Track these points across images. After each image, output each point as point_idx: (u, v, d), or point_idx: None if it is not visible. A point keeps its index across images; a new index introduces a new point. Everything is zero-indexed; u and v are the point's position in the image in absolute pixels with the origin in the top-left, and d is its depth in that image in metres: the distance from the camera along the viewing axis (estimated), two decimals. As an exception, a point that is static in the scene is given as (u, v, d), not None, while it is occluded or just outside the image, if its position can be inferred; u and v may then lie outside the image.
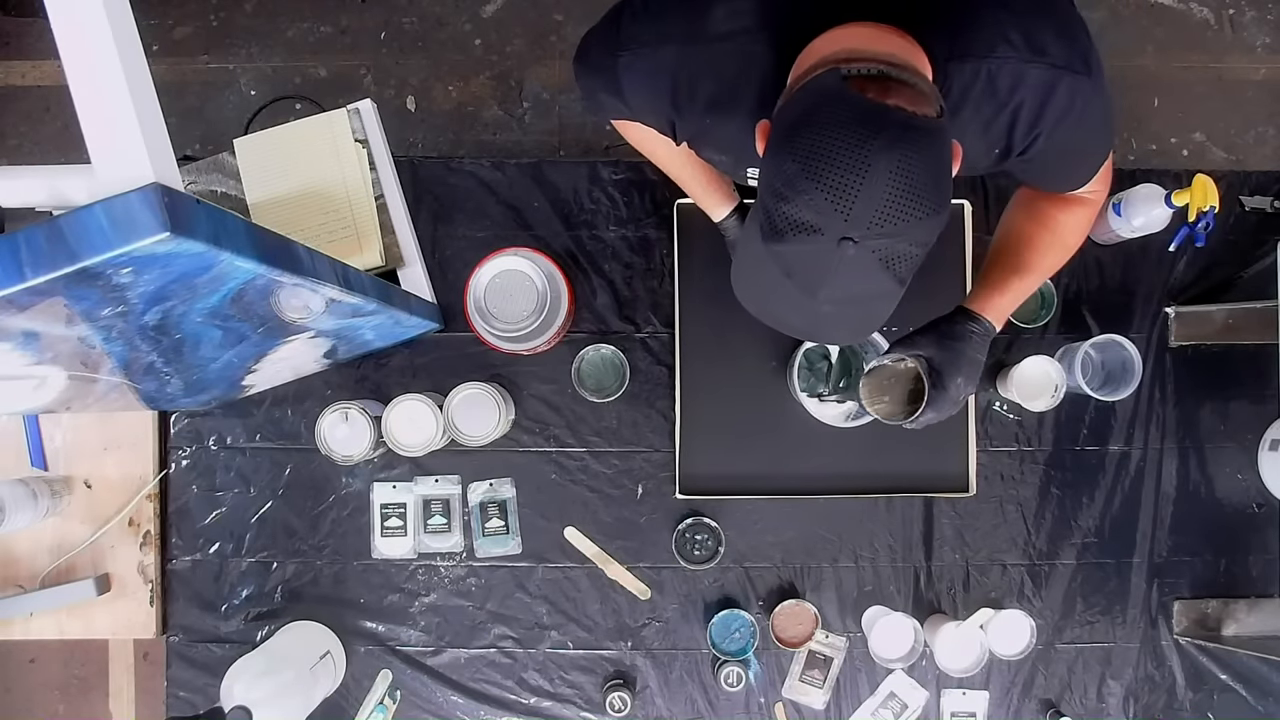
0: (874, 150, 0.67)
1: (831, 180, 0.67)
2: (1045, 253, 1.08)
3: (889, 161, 0.67)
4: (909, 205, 0.67)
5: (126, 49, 0.66)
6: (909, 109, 0.70)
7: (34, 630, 1.41)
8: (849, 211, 0.67)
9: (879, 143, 0.67)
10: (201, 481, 1.40)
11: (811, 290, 0.72)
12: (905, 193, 0.67)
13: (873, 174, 0.66)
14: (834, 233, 0.67)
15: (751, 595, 1.40)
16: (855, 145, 0.67)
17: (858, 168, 0.66)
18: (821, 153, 0.67)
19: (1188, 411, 1.41)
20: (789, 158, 0.69)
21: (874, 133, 0.68)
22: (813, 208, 0.67)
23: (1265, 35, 2.35)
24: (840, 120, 0.69)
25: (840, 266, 0.69)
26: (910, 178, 0.67)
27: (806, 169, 0.67)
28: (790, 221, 0.68)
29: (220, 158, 1.36)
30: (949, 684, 1.39)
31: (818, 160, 0.67)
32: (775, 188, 0.70)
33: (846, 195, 0.66)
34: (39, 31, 2.33)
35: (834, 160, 0.67)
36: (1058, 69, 0.83)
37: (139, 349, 0.94)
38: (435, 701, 1.39)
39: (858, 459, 1.38)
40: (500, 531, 1.39)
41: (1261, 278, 1.28)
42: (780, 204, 0.69)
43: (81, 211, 0.64)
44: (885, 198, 0.67)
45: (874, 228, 0.67)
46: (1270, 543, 1.41)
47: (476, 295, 1.27)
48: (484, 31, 2.33)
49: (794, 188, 0.68)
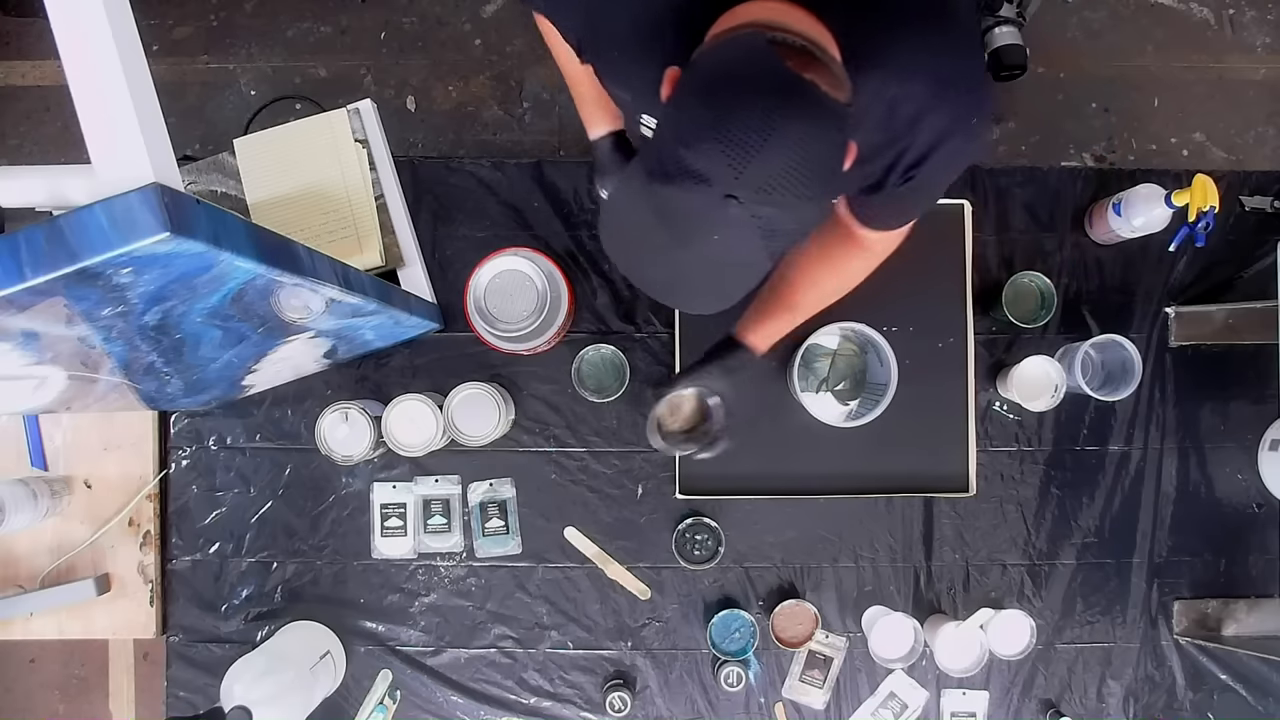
0: (782, 117, 0.67)
1: (734, 135, 0.66)
2: (825, 296, 1.13)
3: (793, 132, 0.67)
4: (801, 180, 0.68)
5: (126, 49, 0.66)
6: (823, 87, 0.70)
7: (34, 630, 1.41)
8: (742, 170, 0.66)
9: (789, 110, 0.67)
10: (201, 481, 1.40)
11: (683, 241, 0.71)
12: (801, 167, 0.67)
13: (775, 139, 0.66)
14: (721, 187, 0.67)
15: (751, 595, 1.40)
16: (765, 108, 0.67)
17: (762, 130, 0.66)
18: (733, 107, 0.67)
19: (1188, 411, 1.41)
20: (700, 106, 0.69)
21: (786, 100, 0.68)
22: (709, 157, 0.67)
23: (1265, 35, 2.35)
24: (758, 80, 0.69)
25: (719, 224, 0.69)
26: (808, 153, 0.68)
27: (715, 119, 0.67)
28: (683, 167, 0.68)
29: (220, 158, 1.36)
30: (949, 684, 1.39)
31: (727, 113, 0.67)
32: (678, 132, 0.69)
33: (745, 153, 0.66)
34: (39, 31, 2.33)
35: (741, 117, 0.67)
36: (955, 122, 0.84)
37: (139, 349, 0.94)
38: (435, 701, 1.39)
39: (858, 459, 1.38)
40: (500, 531, 1.39)
41: (1261, 278, 1.28)
42: (678, 148, 0.68)
43: (81, 211, 0.64)
44: (781, 166, 0.67)
45: (761, 193, 0.67)
46: (1270, 543, 1.42)
47: (476, 295, 1.27)
48: (484, 31, 2.33)
49: (697, 135, 0.68)
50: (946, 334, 1.39)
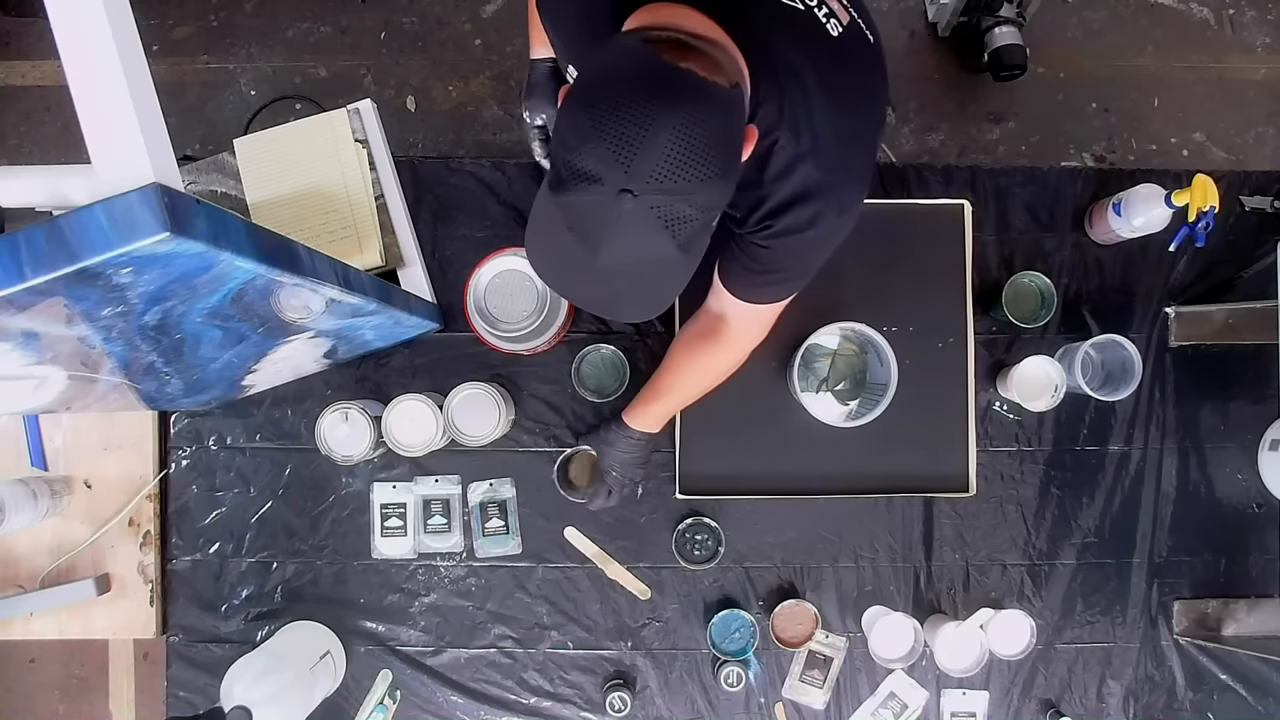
0: (659, 106, 0.68)
1: (615, 131, 0.68)
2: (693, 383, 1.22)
3: (673, 118, 0.68)
4: (690, 165, 0.69)
5: (126, 49, 0.66)
6: (700, 73, 0.71)
7: (34, 630, 1.41)
8: (629, 163, 0.68)
9: (666, 99, 0.69)
10: (201, 481, 1.40)
11: (593, 247, 0.73)
12: (687, 151, 0.69)
13: (656, 129, 0.68)
14: (614, 183, 0.69)
15: (751, 595, 1.40)
16: (642, 100, 0.69)
17: (641, 121, 0.68)
18: (609, 104, 0.69)
19: (1188, 411, 1.41)
20: (580, 109, 0.71)
21: (660, 89, 0.70)
22: (596, 157, 0.69)
23: (1265, 35, 2.36)
24: (631, 75, 0.71)
25: (620, 220, 0.70)
26: (693, 138, 0.69)
27: (594, 120, 0.69)
28: (574, 170, 0.70)
29: (220, 158, 1.36)
30: (949, 684, 1.39)
31: (605, 112, 0.69)
32: (565, 138, 0.71)
33: (629, 147, 0.68)
34: (39, 31, 2.33)
35: (620, 112, 0.68)
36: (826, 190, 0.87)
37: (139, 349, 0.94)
38: (435, 701, 1.39)
39: (858, 459, 1.38)
40: (500, 531, 1.39)
41: (1261, 278, 1.28)
42: (568, 154, 0.70)
43: (81, 211, 0.64)
44: (666, 154, 0.68)
45: (653, 182, 0.69)
46: (1270, 543, 1.42)
47: (476, 295, 1.27)
48: (484, 31, 2.33)
49: (581, 137, 0.69)
50: (946, 334, 1.39)
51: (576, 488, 1.36)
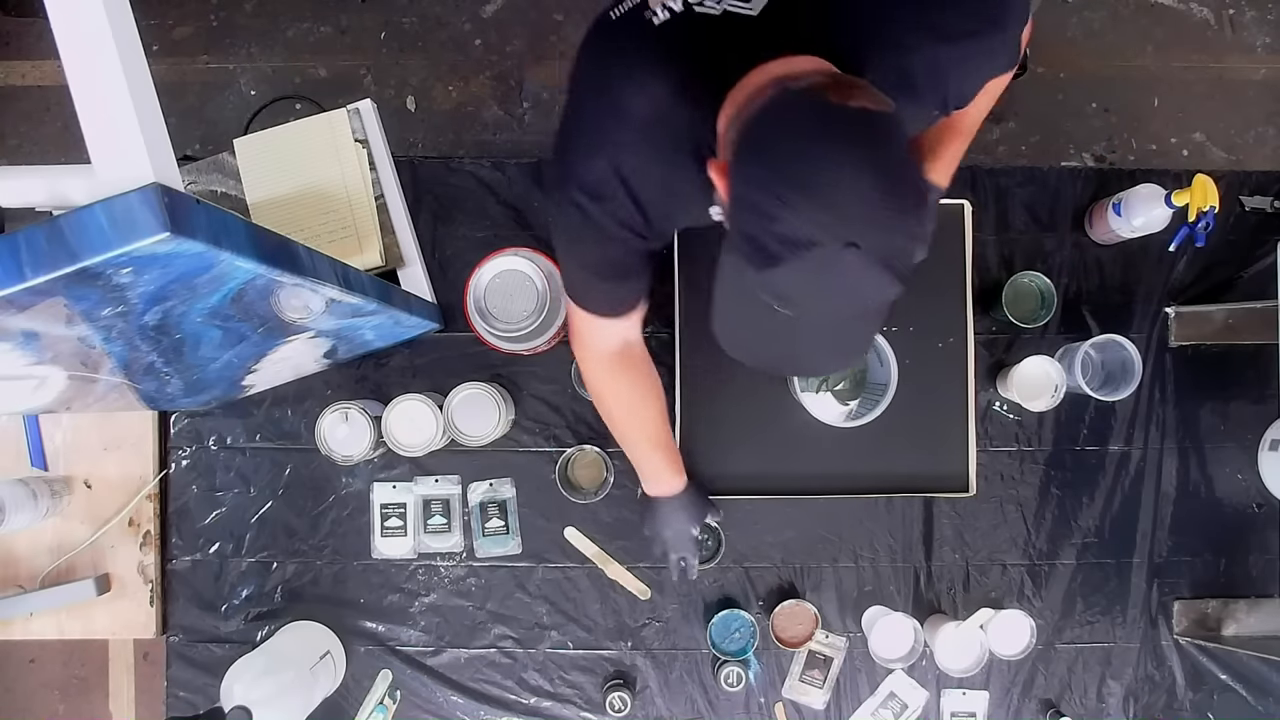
0: (853, 150, 0.66)
1: (820, 187, 0.65)
2: None
3: (869, 159, 0.66)
4: (896, 198, 0.67)
5: (126, 49, 0.66)
6: (872, 106, 0.69)
7: (34, 630, 1.41)
8: (844, 216, 0.65)
9: (856, 141, 0.67)
10: (201, 481, 1.40)
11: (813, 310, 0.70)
12: (891, 186, 0.66)
13: (858, 174, 0.65)
14: (834, 241, 0.65)
15: (751, 595, 1.40)
16: (834, 149, 0.66)
17: (844, 171, 0.65)
18: (804, 162, 0.66)
19: (1188, 411, 1.41)
20: (769, 177, 0.68)
21: (848, 133, 0.67)
22: (807, 219, 0.65)
23: (1265, 35, 2.35)
24: (812, 127, 0.68)
25: (844, 275, 0.67)
26: (891, 171, 0.67)
27: (791, 183, 0.66)
28: (784, 240, 0.66)
29: (220, 158, 1.36)
30: (949, 684, 1.39)
31: (802, 171, 0.66)
32: (760, 210, 0.67)
33: (838, 199, 0.65)
34: (39, 31, 2.33)
35: (817, 167, 0.66)
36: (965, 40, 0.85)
37: (139, 349, 0.94)
38: (435, 701, 1.39)
39: (858, 459, 1.38)
40: (500, 531, 1.39)
41: (1261, 278, 1.28)
42: (770, 224, 0.67)
43: (81, 211, 0.64)
44: (874, 195, 0.66)
45: (872, 229, 0.66)
46: (1270, 543, 1.42)
47: (476, 295, 1.27)
48: (484, 31, 2.33)
49: (783, 203, 0.66)
50: (946, 334, 1.39)
51: (577, 488, 1.35)
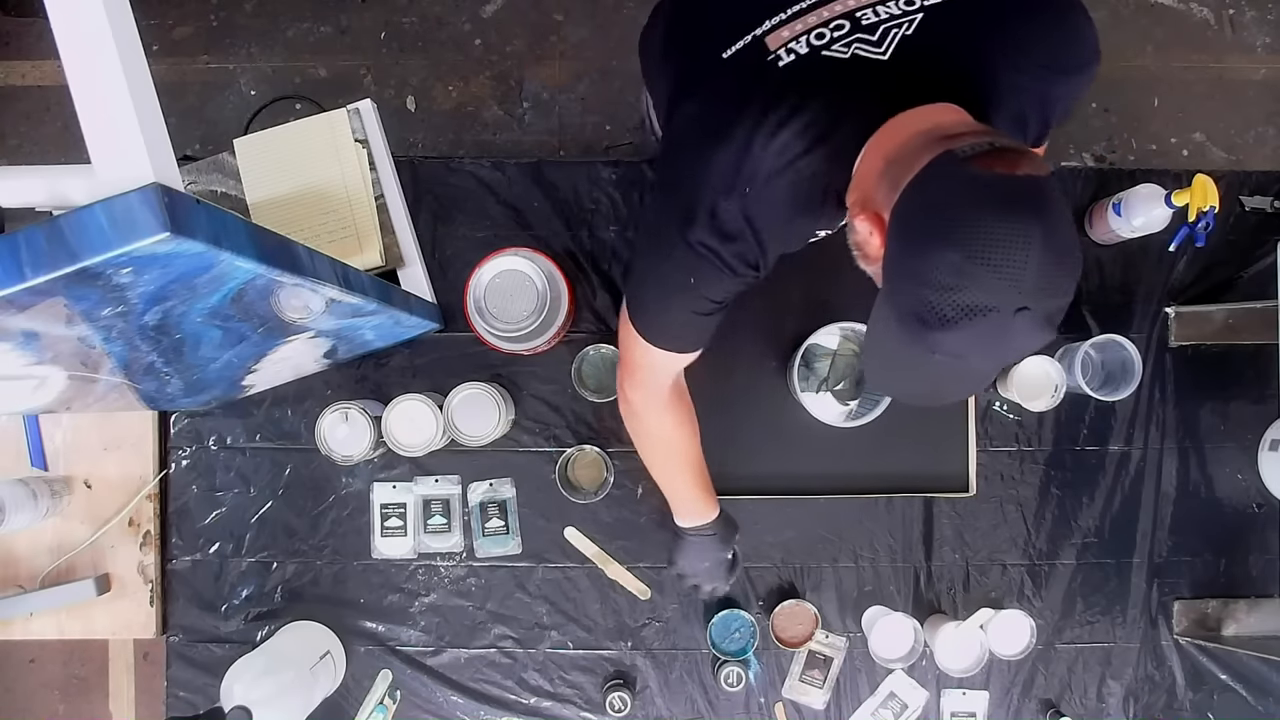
0: (1029, 221, 0.68)
1: (998, 260, 0.68)
2: None
3: (1043, 230, 0.68)
4: (1065, 265, 0.70)
5: (126, 49, 0.66)
6: (1037, 173, 0.71)
7: (34, 630, 1.41)
8: (1020, 286, 0.68)
9: (1030, 212, 0.69)
10: (201, 481, 1.40)
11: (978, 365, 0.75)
12: (1061, 254, 0.70)
13: (1034, 246, 0.68)
14: (1008, 308, 0.69)
15: (751, 595, 1.40)
16: (1013, 223, 0.68)
17: (1021, 244, 0.68)
18: (981, 236, 0.68)
19: (1188, 411, 1.41)
20: (945, 249, 0.70)
21: (1022, 203, 0.69)
22: (986, 290, 0.69)
23: (1265, 35, 2.35)
24: (986, 199, 0.70)
25: (1012, 336, 0.71)
26: (1061, 239, 0.70)
27: (970, 255, 0.68)
28: (960, 308, 0.70)
29: (220, 158, 1.36)
30: (949, 684, 1.39)
31: (979, 244, 0.68)
32: (935, 280, 0.70)
33: (1016, 271, 0.68)
34: (39, 31, 2.33)
35: (997, 240, 0.68)
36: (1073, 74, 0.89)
37: (139, 349, 0.94)
38: (435, 701, 1.39)
39: (858, 459, 1.38)
40: (500, 531, 1.39)
41: (1261, 278, 1.28)
42: (948, 294, 0.70)
43: (81, 211, 0.64)
44: (1048, 262, 0.69)
45: (1042, 293, 0.69)
46: (1270, 543, 1.42)
47: (476, 295, 1.27)
48: (484, 31, 2.33)
49: (962, 274, 0.69)
50: (946, 334, 1.38)
51: (577, 488, 1.36)
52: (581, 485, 1.37)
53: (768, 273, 0.95)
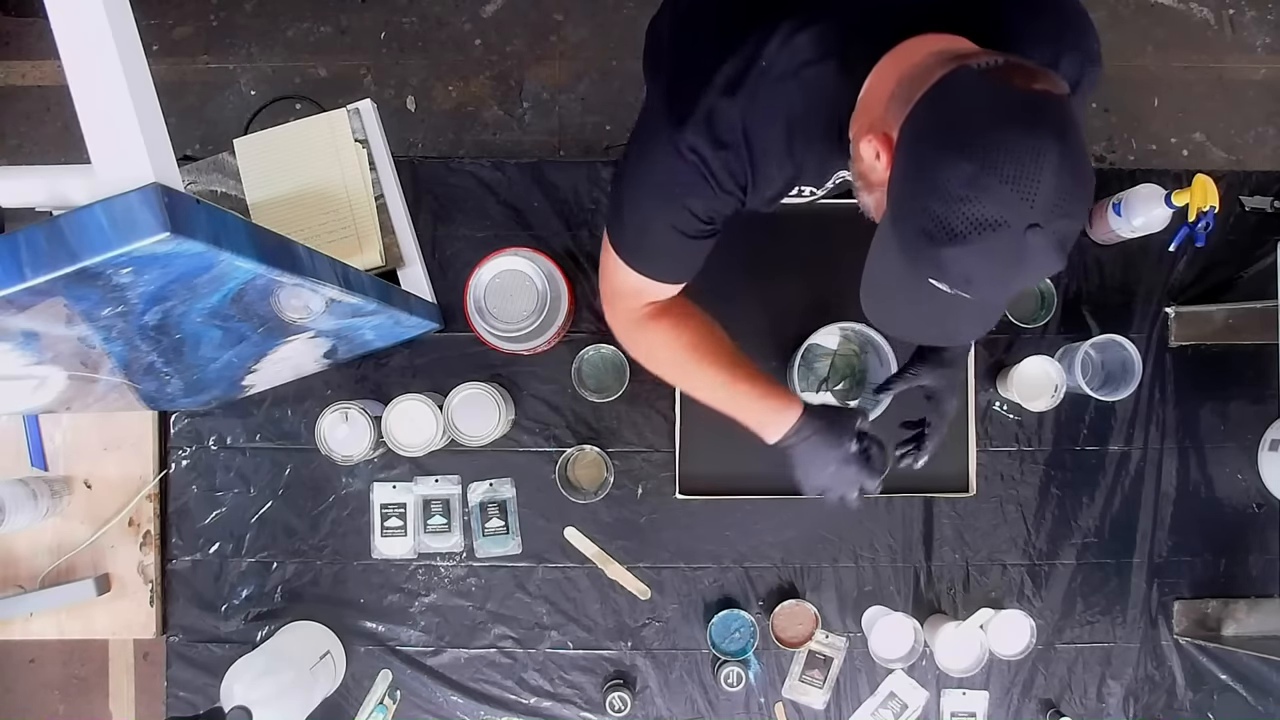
0: (1045, 135, 0.67)
1: (1013, 172, 0.67)
2: None
3: (1059, 143, 0.67)
4: (1080, 185, 0.69)
5: (126, 49, 0.66)
6: (1055, 91, 0.70)
7: (34, 630, 1.41)
8: (1034, 198, 0.67)
9: (1046, 126, 0.68)
10: (201, 481, 1.40)
11: (986, 289, 0.73)
12: (1076, 173, 0.68)
13: (1048, 159, 0.67)
14: (1021, 222, 0.67)
15: (751, 595, 1.40)
16: (1028, 133, 0.67)
17: (1036, 155, 0.67)
18: (997, 147, 0.67)
19: (1188, 411, 1.41)
20: (960, 159, 0.68)
21: (1039, 117, 0.68)
22: (999, 202, 0.67)
23: (1265, 35, 2.35)
24: (1003, 111, 0.69)
25: (1024, 257, 0.69)
26: (1076, 158, 0.68)
27: (985, 166, 0.67)
28: (971, 221, 0.68)
29: (220, 158, 1.36)
30: (949, 684, 1.39)
31: (995, 155, 0.67)
32: (948, 192, 0.69)
33: (1031, 183, 0.67)
34: (39, 31, 2.33)
35: (1012, 152, 0.67)
36: (1083, 60, 0.88)
37: (139, 349, 0.94)
38: (435, 701, 1.39)
39: (858, 459, 1.38)
40: (500, 531, 1.39)
41: (1261, 278, 1.28)
42: (960, 206, 0.68)
43: (81, 211, 0.64)
44: (1062, 179, 0.67)
45: (1054, 212, 0.68)
46: (1270, 543, 1.42)
47: (476, 295, 1.27)
48: (484, 31, 2.33)
49: (975, 185, 0.67)
50: (946, 334, 1.38)
51: (577, 488, 1.36)
52: (581, 485, 1.37)
53: (755, 206, 0.92)
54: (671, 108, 0.88)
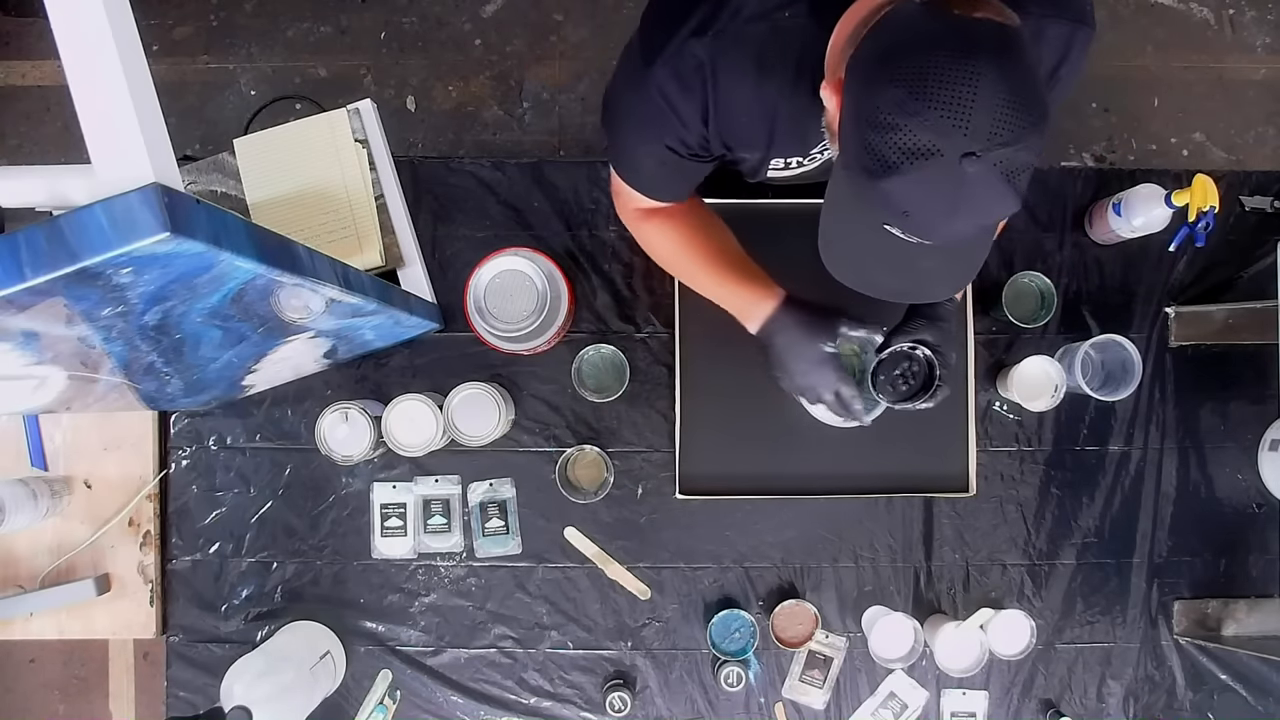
0: (979, 59, 0.65)
1: (944, 96, 0.65)
2: None
3: (996, 68, 0.65)
4: (1022, 110, 0.66)
5: (126, 49, 0.66)
6: (998, 19, 0.69)
7: (34, 630, 1.41)
8: (967, 124, 0.65)
9: (981, 51, 0.66)
10: (201, 481, 1.40)
11: (931, 226, 0.70)
12: (1016, 97, 0.66)
13: (984, 83, 0.65)
14: (955, 150, 0.65)
15: (751, 595, 1.40)
16: (960, 57, 0.66)
17: (968, 79, 0.65)
18: (927, 71, 0.66)
19: (1188, 411, 1.41)
20: (890, 85, 0.67)
21: (974, 42, 0.67)
22: (928, 128, 0.65)
23: (1265, 35, 2.36)
24: (938, 37, 0.68)
25: (965, 187, 0.67)
26: (1018, 82, 0.66)
27: (914, 91, 0.65)
28: (903, 149, 0.66)
29: (220, 158, 1.36)
30: (949, 684, 1.39)
31: (925, 79, 0.65)
32: (879, 119, 0.67)
33: (962, 108, 0.65)
34: (39, 31, 2.33)
35: (942, 76, 0.65)
36: (1074, 23, 0.85)
37: (139, 349, 0.94)
38: (435, 701, 1.39)
39: (858, 459, 1.38)
40: (500, 531, 1.39)
41: (1261, 278, 1.28)
42: (889, 134, 0.66)
43: (81, 211, 0.64)
44: (999, 105, 0.65)
45: (994, 138, 0.65)
46: (1270, 543, 1.42)
47: (476, 295, 1.27)
48: (484, 31, 2.33)
49: (904, 111, 0.66)
50: (946, 334, 1.38)
51: (577, 488, 1.36)
52: (581, 485, 1.37)
53: (738, 157, 0.92)
54: (644, 47, 0.88)
